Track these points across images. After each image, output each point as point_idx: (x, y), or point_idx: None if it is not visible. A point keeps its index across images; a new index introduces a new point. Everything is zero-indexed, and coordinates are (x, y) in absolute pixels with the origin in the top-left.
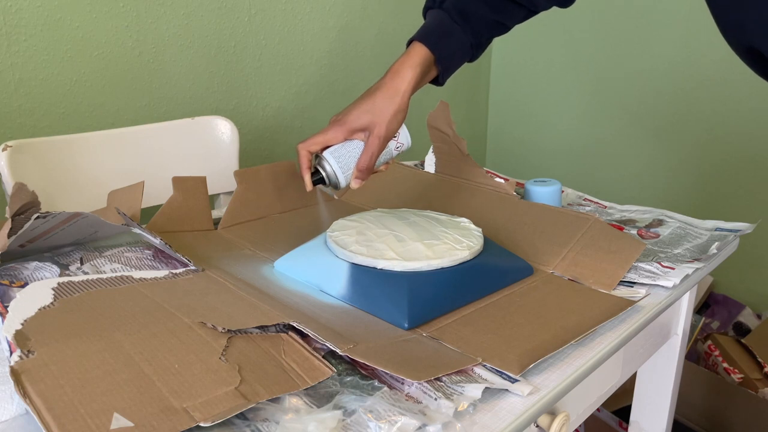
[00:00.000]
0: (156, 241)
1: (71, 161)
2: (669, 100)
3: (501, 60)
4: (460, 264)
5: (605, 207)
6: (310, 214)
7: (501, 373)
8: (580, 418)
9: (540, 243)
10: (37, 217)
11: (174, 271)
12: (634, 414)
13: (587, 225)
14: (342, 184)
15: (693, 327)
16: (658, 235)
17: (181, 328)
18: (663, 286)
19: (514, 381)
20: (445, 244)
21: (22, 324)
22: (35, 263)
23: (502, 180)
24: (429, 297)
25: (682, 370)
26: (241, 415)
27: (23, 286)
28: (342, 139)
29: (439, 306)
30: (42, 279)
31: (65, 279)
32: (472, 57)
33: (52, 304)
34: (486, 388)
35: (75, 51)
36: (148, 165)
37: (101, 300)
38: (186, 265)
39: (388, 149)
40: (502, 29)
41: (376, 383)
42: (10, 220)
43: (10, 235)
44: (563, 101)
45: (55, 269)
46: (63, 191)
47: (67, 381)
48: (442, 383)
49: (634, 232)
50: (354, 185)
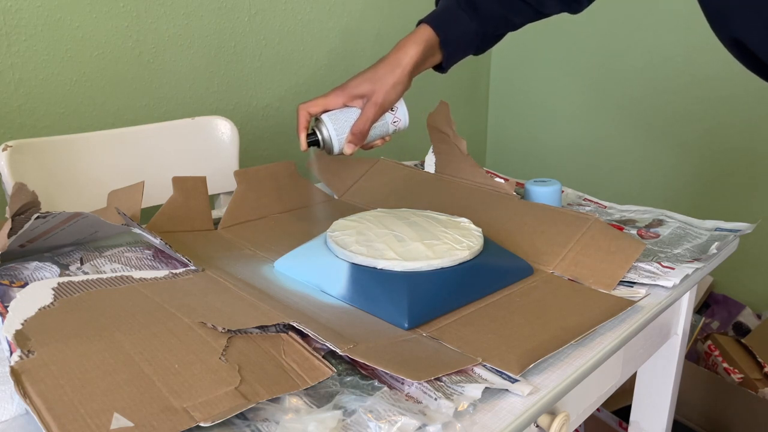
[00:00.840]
0: (156, 241)
1: (71, 161)
2: (669, 99)
3: (501, 60)
4: (460, 264)
5: (605, 207)
6: (310, 214)
7: (501, 373)
8: (580, 418)
9: (540, 243)
10: (37, 217)
11: (174, 271)
12: (634, 414)
13: (587, 225)
14: (336, 146)
15: (693, 327)
16: (658, 235)
17: (181, 328)
18: (663, 286)
19: (514, 381)
20: (445, 244)
21: (22, 324)
22: (35, 263)
23: (502, 180)
24: (429, 297)
25: (682, 370)
26: (241, 415)
27: (23, 286)
28: (341, 104)
29: (439, 306)
30: (42, 279)
31: (65, 279)
32: (477, 48)
33: (52, 304)
34: (486, 388)
35: (75, 51)
36: (148, 165)
37: (101, 300)
38: (186, 265)
39: (384, 121)
40: (509, 25)
41: (376, 383)
42: (10, 220)
43: (10, 235)
44: (563, 101)
45: (55, 269)
46: (63, 191)
47: (67, 381)
48: (442, 383)
49: (634, 232)
50: (347, 150)
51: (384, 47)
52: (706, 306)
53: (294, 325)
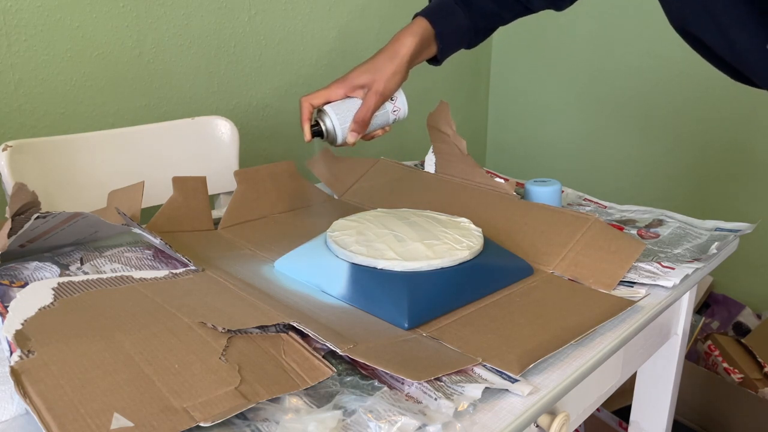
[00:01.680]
0: (156, 241)
1: (71, 161)
2: (669, 99)
3: (501, 60)
4: (460, 264)
5: (605, 207)
6: (310, 214)
7: (501, 373)
8: (580, 418)
9: (540, 243)
10: (37, 217)
11: (174, 271)
12: (634, 414)
13: (587, 225)
14: (339, 136)
15: (693, 327)
16: (658, 235)
17: (181, 328)
18: (663, 286)
19: (514, 381)
20: (445, 244)
21: (22, 324)
22: (35, 263)
23: (502, 180)
24: (429, 297)
25: (682, 370)
26: (241, 415)
27: (23, 286)
28: (342, 95)
29: (439, 306)
30: (42, 279)
31: (65, 279)
32: (470, 42)
33: (52, 304)
34: (486, 388)
35: (75, 51)
36: (148, 165)
37: (101, 300)
38: (186, 265)
39: (385, 111)
40: (500, 20)
41: (376, 383)
42: (10, 220)
43: (10, 235)
44: (563, 101)
45: (55, 269)
46: (63, 191)
47: (67, 381)
48: (442, 383)
49: (634, 232)
50: (350, 138)
51: None
52: (706, 306)
53: (294, 325)
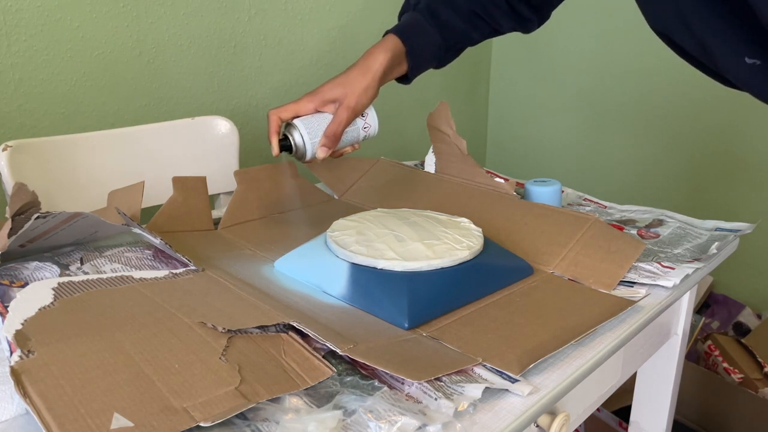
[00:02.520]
0: (156, 241)
1: (71, 161)
2: (669, 99)
3: (501, 60)
4: (460, 264)
5: (605, 207)
6: (310, 214)
7: (501, 373)
8: (580, 418)
9: (540, 243)
10: (37, 217)
11: (174, 271)
12: (634, 414)
13: (587, 225)
14: (308, 151)
15: (693, 327)
16: (658, 235)
17: (181, 328)
18: (663, 286)
19: (514, 381)
20: (445, 244)
21: (22, 324)
22: (35, 263)
23: (502, 180)
24: (429, 297)
25: (682, 370)
26: (241, 415)
27: (23, 286)
28: (313, 110)
29: (439, 306)
30: (42, 279)
31: (65, 279)
32: (440, 60)
33: (52, 304)
34: (486, 388)
35: (75, 51)
36: (148, 165)
37: (101, 300)
38: (186, 265)
39: (355, 127)
40: (469, 40)
41: (376, 383)
42: (10, 220)
43: (10, 235)
44: (563, 101)
45: (55, 269)
46: (63, 191)
47: (67, 381)
48: (442, 383)
49: (634, 232)
50: (320, 154)
51: None
52: (706, 306)
53: (294, 325)
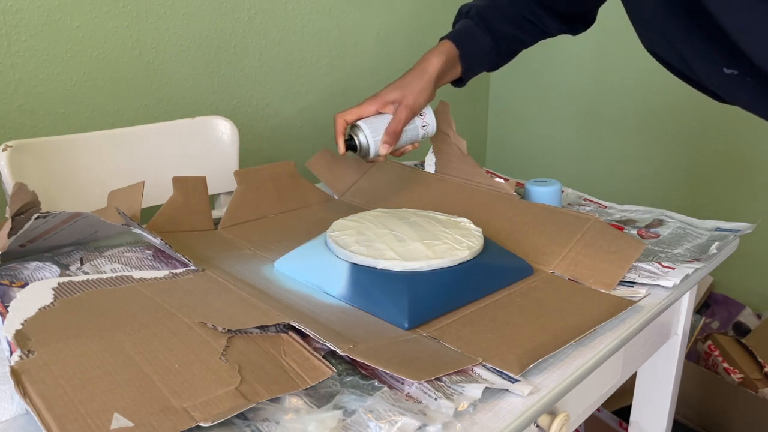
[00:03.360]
0: (156, 241)
1: (71, 161)
2: (669, 99)
3: None
4: (460, 264)
5: (605, 207)
6: (310, 214)
7: (501, 373)
8: (580, 418)
9: (540, 243)
10: (37, 217)
11: (174, 271)
12: (634, 414)
13: (587, 225)
14: (372, 148)
15: (693, 327)
16: (658, 235)
17: (181, 328)
18: (663, 286)
19: (514, 381)
20: (445, 244)
21: (22, 324)
22: (35, 263)
23: (502, 180)
24: (429, 297)
25: (682, 370)
26: (241, 415)
27: (23, 286)
28: (374, 111)
29: (439, 306)
30: (42, 279)
31: (65, 279)
32: (492, 64)
33: (52, 304)
34: (486, 388)
35: (75, 51)
36: (148, 165)
37: (101, 300)
38: (186, 265)
39: (414, 126)
40: (521, 43)
41: (376, 383)
42: (10, 220)
43: (10, 235)
44: (563, 101)
45: (55, 269)
46: (63, 191)
47: (67, 381)
48: (442, 383)
49: (634, 232)
50: (382, 150)
51: (384, 47)
52: (706, 306)
53: (294, 325)
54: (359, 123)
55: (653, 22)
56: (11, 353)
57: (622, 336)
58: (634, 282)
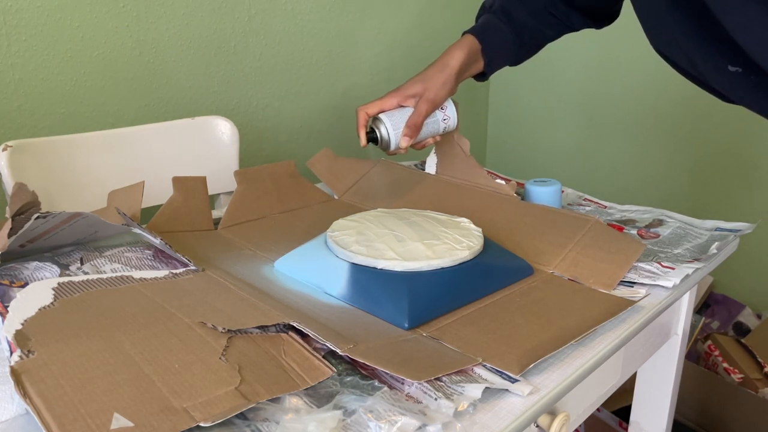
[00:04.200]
0: (156, 241)
1: (71, 161)
2: (669, 99)
3: None
4: (460, 264)
5: (605, 207)
6: (310, 214)
7: (501, 373)
8: (580, 418)
9: (540, 243)
10: (37, 217)
11: (174, 271)
12: (634, 414)
13: (587, 226)
14: (392, 141)
15: (693, 327)
16: (658, 235)
17: (181, 328)
18: (663, 286)
19: (514, 381)
20: (445, 244)
21: (22, 324)
22: (35, 263)
23: (502, 181)
24: (429, 297)
25: (682, 370)
26: (241, 415)
27: (23, 286)
28: (396, 105)
29: (439, 306)
30: (42, 279)
31: (65, 279)
32: (516, 56)
33: (52, 304)
34: (486, 388)
35: (75, 51)
36: (148, 165)
37: (101, 300)
38: (186, 265)
39: (435, 119)
40: (544, 36)
41: (376, 383)
42: (10, 220)
43: (10, 235)
44: (563, 101)
45: (55, 269)
46: (63, 191)
47: (67, 381)
48: (442, 383)
49: (634, 232)
50: (403, 143)
51: (384, 47)
52: (706, 306)
53: (294, 325)
54: (380, 116)
55: (660, 21)
56: (11, 353)
57: (622, 336)
58: (634, 282)
